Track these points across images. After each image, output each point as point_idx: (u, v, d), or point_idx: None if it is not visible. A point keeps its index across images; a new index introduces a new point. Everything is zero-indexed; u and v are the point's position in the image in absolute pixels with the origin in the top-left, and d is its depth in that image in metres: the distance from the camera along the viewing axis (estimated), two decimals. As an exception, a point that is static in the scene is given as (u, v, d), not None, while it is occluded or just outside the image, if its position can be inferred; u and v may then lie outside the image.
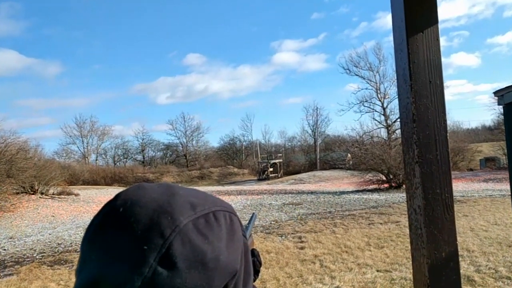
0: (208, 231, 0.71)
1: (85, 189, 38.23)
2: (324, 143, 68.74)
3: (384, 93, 54.63)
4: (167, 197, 0.72)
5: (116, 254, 0.66)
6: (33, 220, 18.49)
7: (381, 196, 21.95)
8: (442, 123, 1.38)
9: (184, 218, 0.69)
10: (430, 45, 1.37)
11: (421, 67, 1.36)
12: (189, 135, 79.45)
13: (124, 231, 0.67)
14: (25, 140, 28.26)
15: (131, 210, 0.69)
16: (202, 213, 0.72)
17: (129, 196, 0.72)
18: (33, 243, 13.23)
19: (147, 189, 0.74)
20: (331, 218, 14.81)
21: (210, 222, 0.72)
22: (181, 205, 0.71)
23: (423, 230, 1.35)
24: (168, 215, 0.68)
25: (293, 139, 79.78)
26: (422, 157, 1.36)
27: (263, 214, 17.28)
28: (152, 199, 0.71)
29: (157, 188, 0.75)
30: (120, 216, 0.69)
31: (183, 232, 0.67)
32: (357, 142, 38.48)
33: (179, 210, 0.70)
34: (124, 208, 0.69)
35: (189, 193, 0.76)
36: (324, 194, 24.87)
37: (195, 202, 0.73)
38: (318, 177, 46.63)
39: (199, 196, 0.76)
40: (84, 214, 20.14)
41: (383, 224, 12.71)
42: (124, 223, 0.68)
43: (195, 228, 0.69)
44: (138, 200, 0.70)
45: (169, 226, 0.67)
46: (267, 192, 29.13)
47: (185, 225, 0.68)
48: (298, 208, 18.64)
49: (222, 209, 0.77)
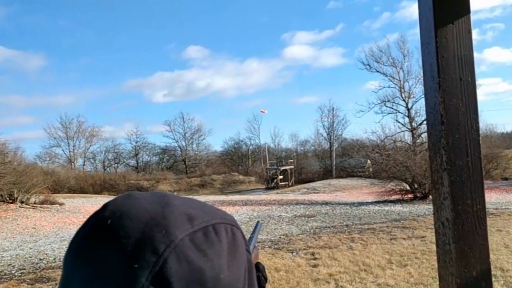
0: (207, 246, 0.69)
1: (71, 197, 38.35)
2: (341, 148, 68.64)
3: (409, 92, 54.52)
4: (160, 208, 0.70)
5: (103, 272, 0.65)
6: (12, 232, 18.57)
7: (404, 208, 21.85)
8: (474, 125, 1.38)
9: (180, 232, 0.67)
10: (461, 38, 1.38)
11: (451, 62, 1.36)
12: (189, 137, 79.63)
13: (112, 246, 0.66)
14: (3, 142, 28.42)
15: (120, 222, 0.67)
16: (200, 226, 0.70)
17: (118, 207, 0.71)
18: (11, 258, 13.28)
19: (138, 199, 0.73)
20: (348, 232, 14.77)
21: (209, 237, 0.70)
22: (177, 217, 0.69)
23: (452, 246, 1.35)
24: (162, 228, 0.67)
25: (306, 143, 79.81)
26: (451, 163, 1.36)
27: (272, 227, 17.26)
28: (144, 210, 0.69)
29: (149, 198, 0.73)
30: (108, 229, 0.67)
31: (179, 248, 0.66)
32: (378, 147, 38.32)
33: (174, 223, 0.68)
34: (112, 219, 0.68)
35: (186, 204, 0.74)
36: (341, 205, 24.80)
37: (192, 213, 0.72)
38: (333, 186, 46.50)
39: (196, 207, 0.75)
40: (70, 226, 20.22)
41: (407, 239, 12.66)
42: (112, 237, 0.66)
43: (192, 243, 0.68)
44: (128, 211, 0.69)
45: (163, 241, 0.65)
46: (276, 202, 29.10)
47: (181, 240, 0.67)
48: (311, 221, 18.60)
49: (222, 221, 0.75)
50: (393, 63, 55.40)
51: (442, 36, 1.36)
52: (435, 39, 1.36)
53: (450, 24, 1.37)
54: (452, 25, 1.37)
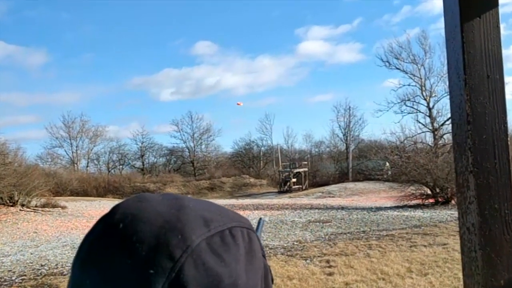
0: (224, 251, 0.69)
1: (74, 200, 38.56)
2: (358, 150, 68.49)
3: (430, 90, 54.23)
4: (175, 211, 0.70)
5: (116, 279, 0.65)
6: (12, 236, 18.70)
7: (425, 213, 21.76)
8: (502, 125, 1.37)
9: (197, 237, 0.67)
10: (488, 32, 1.37)
11: (478, 58, 1.36)
12: (197, 138, 79.73)
13: (125, 251, 0.66)
14: (3, 142, 28.60)
15: (133, 226, 0.67)
16: (216, 230, 0.70)
17: (129, 210, 0.70)
18: (11, 264, 13.38)
19: (150, 201, 0.72)
20: (365, 238, 14.74)
21: (226, 241, 0.70)
22: (193, 221, 0.69)
23: (478, 253, 1.35)
24: (177, 232, 0.66)
25: (320, 144, 79.72)
26: (478, 165, 1.35)
27: (285, 233, 17.26)
28: (157, 214, 0.69)
29: (162, 200, 0.73)
30: (120, 234, 0.67)
31: (195, 253, 0.66)
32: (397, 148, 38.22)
33: (190, 226, 0.68)
34: (124, 224, 0.68)
35: (201, 206, 0.74)
36: (357, 210, 24.75)
37: (208, 217, 0.71)
38: (350, 189, 46.38)
39: (212, 210, 0.75)
40: (72, 230, 20.33)
41: (428, 246, 12.61)
42: (125, 242, 0.66)
43: (209, 248, 0.68)
44: (140, 214, 0.69)
45: (179, 246, 0.65)
46: (289, 206, 29.08)
47: (197, 244, 0.67)
48: (326, 227, 18.57)
49: (239, 225, 0.75)
50: (414, 60, 55.16)
51: (468, 31, 1.35)
52: (461, 34, 1.35)
53: (477, 18, 1.36)
54: (479, 19, 1.36)
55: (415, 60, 55.12)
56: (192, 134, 79.07)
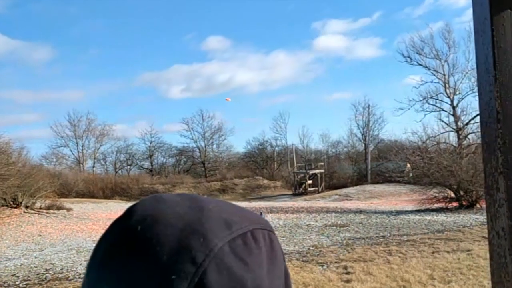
0: (247, 255, 0.69)
1: (79, 202, 38.81)
2: (377, 150, 68.26)
3: (454, 87, 53.86)
4: (195, 213, 0.70)
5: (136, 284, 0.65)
6: (16, 239, 18.86)
7: (448, 217, 21.66)
8: (534, 124, 1.36)
9: (219, 240, 0.67)
10: (520, 25, 1.36)
11: (509, 53, 1.34)
12: (208, 137, 79.72)
13: (144, 256, 0.66)
14: (7, 141, 28.72)
15: (152, 229, 0.67)
16: (239, 232, 0.70)
17: (147, 212, 0.70)
18: (15, 268, 13.49)
19: (168, 202, 0.72)
20: (385, 244, 14.70)
21: (249, 244, 0.70)
22: (214, 223, 0.69)
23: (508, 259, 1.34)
24: (199, 236, 0.66)
25: (338, 144, 79.58)
26: (508, 166, 1.34)
27: (300, 237, 17.25)
28: (177, 215, 0.69)
29: (180, 201, 0.73)
30: (139, 237, 0.67)
31: (218, 257, 0.66)
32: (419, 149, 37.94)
33: (212, 229, 0.68)
34: (142, 226, 0.68)
35: (221, 207, 0.74)
36: (377, 214, 24.69)
37: (229, 219, 0.71)
38: (369, 192, 46.27)
39: (232, 211, 0.75)
40: (78, 233, 20.45)
41: (451, 252, 12.54)
42: (145, 245, 0.66)
43: (232, 251, 0.68)
44: (159, 216, 0.69)
45: (201, 250, 0.65)
46: (304, 210, 29.07)
47: (220, 248, 0.66)
48: (343, 231, 18.55)
49: (260, 227, 0.75)
50: (437, 55, 54.75)
51: (499, 24, 1.34)
52: (491, 27, 1.34)
53: (508, 10, 1.35)
54: (510, 11, 1.35)
55: (438, 55, 54.74)
56: (203, 133, 79.18)
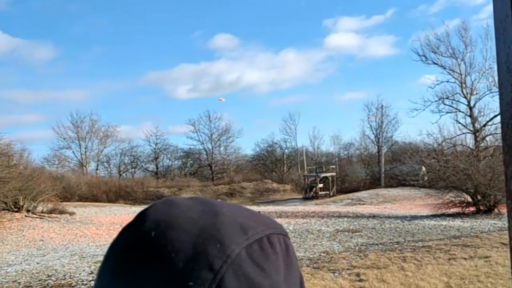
0: (264, 260, 0.69)
1: (82, 206, 38.93)
2: (391, 152, 68.03)
3: (471, 87, 53.67)
4: (210, 218, 0.70)
5: None
6: (17, 244, 18.93)
7: (465, 222, 21.57)
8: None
9: (236, 245, 0.67)
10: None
11: (531, 52, 1.34)
12: (216, 139, 79.71)
13: (159, 262, 0.66)
14: (8, 143, 28.83)
15: (166, 235, 0.67)
16: (255, 237, 0.71)
17: (160, 217, 0.70)
18: (16, 274, 13.54)
19: (181, 207, 0.72)
20: (399, 250, 14.65)
21: (265, 249, 0.70)
22: (230, 228, 0.69)
23: (528, 267, 1.33)
24: (216, 241, 0.66)
25: (350, 146, 79.45)
26: (530, 170, 1.33)
27: (310, 243, 17.23)
28: (191, 220, 0.69)
29: (193, 205, 0.73)
30: (153, 243, 0.67)
31: (236, 264, 0.66)
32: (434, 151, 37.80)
33: (229, 234, 0.68)
34: (156, 232, 0.68)
35: (235, 212, 0.74)
36: (390, 219, 24.62)
37: (244, 223, 0.71)
38: (382, 196, 46.14)
39: (247, 215, 0.75)
40: (81, 238, 20.51)
41: (468, 259, 12.49)
42: (159, 252, 0.66)
43: (249, 257, 0.68)
44: (173, 221, 0.69)
45: (219, 256, 0.66)
46: (315, 214, 29.03)
47: (237, 254, 0.67)
48: (355, 237, 18.51)
49: (276, 231, 0.76)
50: (453, 54, 54.54)
51: (520, 21, 1.33)
52: (512, 24, 1.33)
53: (529, 7, 1.34)
54: (532, 8, 1.34)
55: (454, 54, 54.53)
56: (210, 135, 79.17)
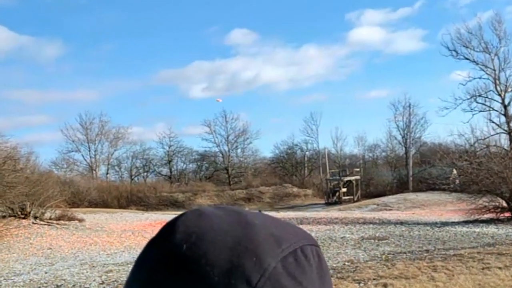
0: (299, 273, 0.70)
1: (92, 212, 39.13)
2: (420, 154, 67.69)
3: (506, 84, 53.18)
4: (243, 229, 0.71)
5: None
6: (24, 253, 19.10)
7: (500, 229, 21.42)
8: None
9: (272, 258, 0.68)
10: None
11: None
12: (232, 141, 79.27)
13: (194, 277, 0.66)
14: (14, 146, 29.08)
15: (199, 247, 0.67)
16: (289, 249, 0.71)
17: (191, 228, 0.71)
18: (24, 284, 13.66)
19: (211, 217, 0.73)
20: (429, 259, 14.57)
21: (300, 261, 0.71)
22: (264, 240, 0.70)
23: None
24: (251, 254, 0.67)
25: (375, 148, 78.98)
26: None
27: (333, 251, 17.20)
28: (224, 232, 0.69)
29: (223, 215, 0.74)
30: (186, 256, 0.67)
31: (273, 277, 0.67)
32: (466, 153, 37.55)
33: (264, 247, 0.69)
34: (188, 245, 0.68)
35: (268, 223, 0.75)
36: (419, 226, 24.51)
37: (278, 235, 0.72)
38: (410, 201, 45.94)
39: (280, 226, 0.76)
40: (91, 246, 20.64)
41: (504, 269, 12.39)
42: (193, 266, 0.67)
43: (285, 270, 0.69)
44: (205, 233, 0.70)
45: (255, 270, 0.66)
46: (338, 221, 28.96)
47: (274, 267, 0.67)
48: (382, 245, 18.45)
49: (308, 242, 0.77)
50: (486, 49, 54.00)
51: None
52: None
53: None
54: None
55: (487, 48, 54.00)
56: (226, 136, 78.61)
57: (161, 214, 42.28)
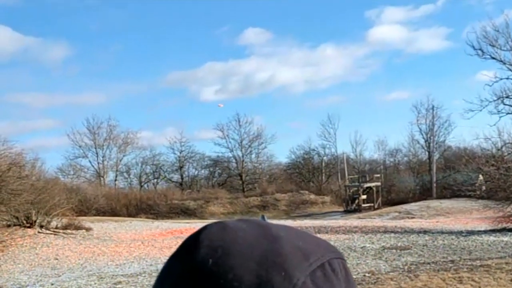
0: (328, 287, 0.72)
1: (100, 221, 39.26)
2: (444, 159, 67.38)
3: (534, 85, 52.90)
4: (269, 243, 0.71)
5: None
6: (30, 263, 19.19)
7: (530, 238, 21.32)
8: None
9: (300, 273, 0.68)
10: None
11: None
12: (246, 146, 79.22)
13: None
14: (19, 152, 29.24)
15: (226, 262, 0.67)
16: (317, 263, 0.72)
17: (216, 242, 0.71)
18: (30, 296, 13.75)
19: (236, 230, 0.73)
20: (454, 270, 14.51)
21: (328, 275, 0.72)
22: (291, 254, 0.70)
23: None
24: (279, 269, 0.67)
25: (397, 152, 78.51)
26: None
27: (353, 262, 17.16)
28: (250, 246, 0.70)
29: (247, 228, 0.75)
30: (212, 272, 0.67)
31: None
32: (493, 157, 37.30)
33: (292, 261, 0.69)
34: (214, 260, 0.68)
35: (293, 235, 0.76)
36: (444, 235, 24.41)
37: (304, 248, 0.72)
38: (434, 209, 45.75)
39: (306, 239, 0.77)
40: (99, 256, 20.70)
41: (534, 281, 12.33)
42: (220, 281, 0.67)
43: (314, 285, 0.69)
44: (231, 247, 0.70)
45: (285, 285, 0.67)
46: (358, 229, 28.89)
47: (303, 282, 0.67)
48: (404, 255, 18.38)
49: (335, 255, 0.78)
50: (513, 47, 53.84)
51: None
52: None
53: None
54: None
55: (515, 47, 53.83)
56: (240, 141, 78.54)
57: (172, 222, 42.32)
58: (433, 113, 68.23)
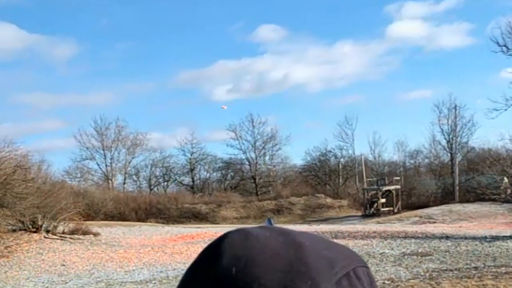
0: None
1: (108, 226, 39.32)
2: (467, 161, 67.07)
3: (562, 83, 52.59)
4: (294, 251, 0.71)
5: None
6: (36, 270, 19.28)
7: (558, 244, 21.21)
8: None
9: (327, 282, 0.69)
10: None
11: None
12: (260, 147, 79.17)
13: None
14: (25, 154, 29.38)
15: (251, 271, 0.68)
16: (343, 272, 0.73)
17: (239, 251, 0.72)
18: (36, 304, 13.82)
19: (259, 238, 0.74)
20: (478, 277, 14.46)
21: (354, 284, 0.73)
22: (317, 263, 0.71)
23: None
24: (305, 278, 0.68)
25: (417, 154, 78.26)
26: None
27: (372, 268, 16.99)
28: (274, 254, 0.70)
29: (270, 236, 0.75)
30: (237, 281, 0.67)
31: None
32: (519, 159, 37.31)
33: (317, 270, 0.70)
34: (238, 269, 0.69)
35: (318, 244, 0.77)
36: (467, 240, 24.30)
37: (329, 256, 0.73)
38: (456, 213, 45.58)
39: (330, 247, 0.78)
40: (107, 262, 20.77)
41: (562, 289, 12.27)
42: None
43: None
44: (254, 255, 0.70)
45: None
46: (377, 235, 28.83)
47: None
48: (425, 261, 18.34)
49: (360, 264, 0.78)
50: (540, 44, 53.57)
51: None
52: None
53: None
54: None
55: (541, 44, 53.55)
56: (253, 142, 78.55)
57: (183, 227, 42.40)
58: (456, 112, 67.97)
